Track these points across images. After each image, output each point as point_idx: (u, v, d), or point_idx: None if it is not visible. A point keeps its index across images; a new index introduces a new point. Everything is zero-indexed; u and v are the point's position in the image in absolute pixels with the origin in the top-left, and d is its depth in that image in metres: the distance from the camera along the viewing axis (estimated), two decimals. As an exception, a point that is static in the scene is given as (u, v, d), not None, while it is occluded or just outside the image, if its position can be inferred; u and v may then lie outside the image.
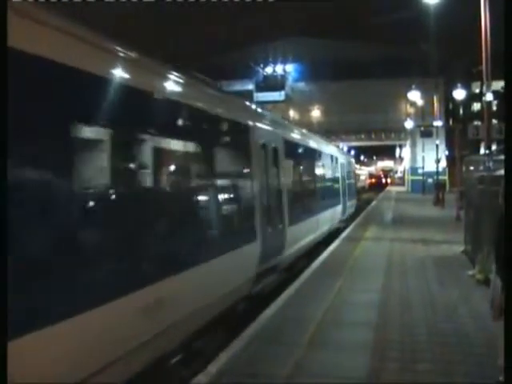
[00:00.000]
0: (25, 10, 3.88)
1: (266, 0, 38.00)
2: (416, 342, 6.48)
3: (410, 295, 9.01)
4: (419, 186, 48.95)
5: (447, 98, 53.38)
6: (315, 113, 61.43)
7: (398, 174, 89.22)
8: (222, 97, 8.85)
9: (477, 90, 54.05)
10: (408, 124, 51.81)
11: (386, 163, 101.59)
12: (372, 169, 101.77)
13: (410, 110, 55.35)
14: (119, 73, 5.09)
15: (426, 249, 14.47)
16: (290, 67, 60.80)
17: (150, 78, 5.77)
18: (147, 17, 41.69)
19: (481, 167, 11.49)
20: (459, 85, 35.83)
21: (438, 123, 42.24)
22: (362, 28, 54.34)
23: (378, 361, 5.86)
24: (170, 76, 6.33)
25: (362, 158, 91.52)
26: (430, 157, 43.42)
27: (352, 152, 61.58)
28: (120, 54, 5.23)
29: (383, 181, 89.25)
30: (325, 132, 41.13)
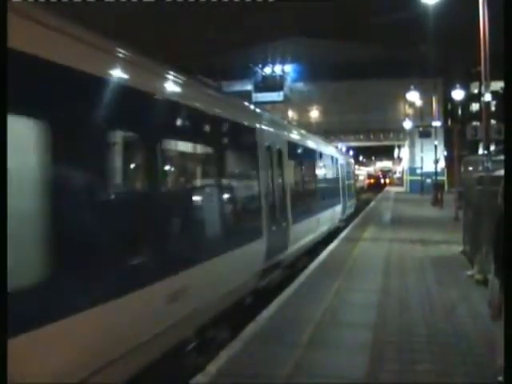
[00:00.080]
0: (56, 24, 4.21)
1: (266, 0, 38.01)
2: (415, 342, 6.48)
3: (409, 295, 9.02)
4: (418, 187, 48.93)
5: (446, 98, 53.50)
6: (314, 113, 61.44)
7: (396, 175, 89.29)
8: (232, 102, 9.53)
9: (475, 91, 54.13)
10: (407, 124, 51.84)
11: (385, 163, 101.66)
12: (371, 169, 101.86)
13: (409, 111, 55.34)
14: (150, 85, 5.70)
15: (425, 249, 14.48)
16: (288, 67, 60.81)
17: (180, 91, 6.59)
18: (147, 17, 41.68)
19: (479, 167, 11.49)
20: (458, 85, 35.84)
21: (436, 124, 42.35)
22: (360, 28, 54.46)
23: (377, 361, 5.87)
24: (194, 86, 7.39)
25: (360, 158, 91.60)
26: (429, 157, 43.45)
27: (351, 152, 61.56)
28: (151, 67, 5.88)
29: (382, 181, 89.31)
30: (323, 132, 41.17)
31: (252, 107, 10.85)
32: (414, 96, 45.76)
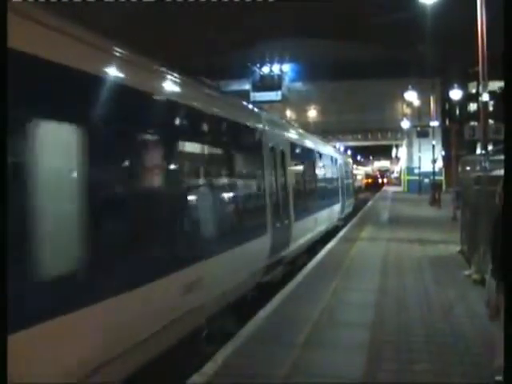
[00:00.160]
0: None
1: (266, 0, 38.03)
2: (412, 342, 6.48)
3: (407, 295, 9.02)
4: (415, 186, 48.98)
5: (444, 98, 53.45)
6: (312, 113, 61.44)
7: (394, 174, 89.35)
8: (240, 106, 10.37)
9: (473, 91, 54.17)
10: (404, 124, 51.91)
11: (383, 163, 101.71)
12: (368, 169, 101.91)
13: (407, 110, 55.37)
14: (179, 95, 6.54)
15: (423, 249, 14.49)
16: (286, 67, 60.79)
17: (204, 100, 7.56)
18: (147, 17, 41.65)
19: (477, 167, 11.50)
20: (456, 85, 35.88)
21: (434, 123, 42.44)
22: (359, 29, 54.39)
23: (375, 361, 5.86)
24: (215, 96, 8.42)
25: (358, 157, 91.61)
26: (427, 157, 43.48)
27: (348, 152, 61.61)
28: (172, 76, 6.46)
29: (380, 181, 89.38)
30: (321, 132, 41.17)
31: (257, 110, 11.27)
32: (411, 96, 45.82)
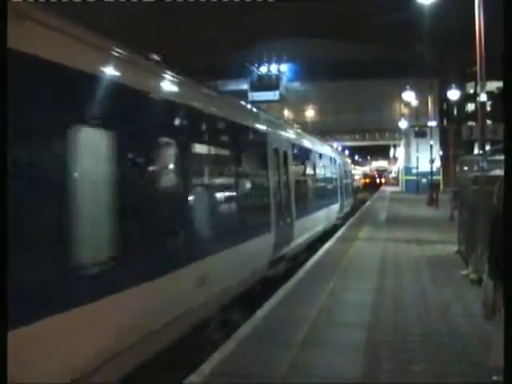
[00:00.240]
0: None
1: (266, 0, 38.03)
2: (409, 342, 6.48)
3: (404, 295, 9.02)
4: (413, 186, 49.05)
5: (441, 98, 53.48)
6: (309, 112, 61.45)
7: (392, 174, 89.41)
8: (248, 110, 10.83)
9: (471, 91, 54.24)
10: (402, 124, 51.93)
11: (381, 163, 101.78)
12: (366, 169, 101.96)
13: (405, 111, 55.43)
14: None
15: (420, 249, 14.49)
16: (284, 67, 60.82)
17: (220, 107, 8.28)
18: (147, 17, 41.63)
19: (475, 167, 11.51)
20: (454, 85, 35.91)
21: (432, 123, 42.43)
22: (358, 29, 54.45)
23: (372, 361, 5.85)
24: (227, 101, 9.30)
25: (356, 157, 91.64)
26: (424, 157, 43.54)
27: (346, 152, 61.61)
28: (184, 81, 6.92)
29: (377, 181, 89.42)
30: (319, 132, 41.16)
31: (262, 112, 11.62)
32: (409, 96, 45.90)
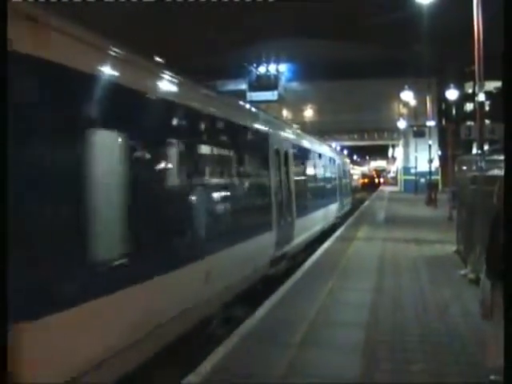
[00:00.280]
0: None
1: (266, 0, 38.05)
2: (408, 342, 6.48)
3: (403, 295, 9.03)
4: (412, 186, 49.04)
5: (440, 98, 53.54)
6: (308, 112, 61.43)
7: (390, 174, 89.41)
8: (251, 112, 11.09)
9: (469, 91, 54.23)
10: (401, 124, 51.89)
11: (379, 163, 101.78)
12: (365, 169, 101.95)
13: (403, 110, 55.39)
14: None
15: (419, 248, 14.50)
16: (283, 67, 60.80)
17: (228, 111, 8.84)
18: (147, 17, 41.61)
19: (473, 167, 11.51)
20: (452, 85, 35.89)
21: (430, 123, 42.44)
22: (357, 29, 54.42)
23: (370, 361, 5.85)
24: (235, 104, 10.07)
25: (355, 157, 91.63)
26: (423, 157, 43.53)
27: (345, 152, 61.60)
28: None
29: (376, 181, 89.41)
30: (318, 132, 41.16)
31: (264, 114, 11.92)
32: (408, 96, 45.82)
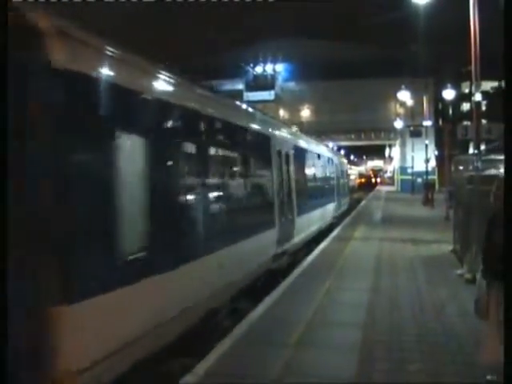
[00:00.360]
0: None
1: (266, 0, 38.05)
2: (405, 342, 6.48)
3: (399, 294, 9.02)
4: (409, 186, 49.04)
5: (437, 98, 53.55)
6: (305, 112, 61.44)
7: (387, 174, 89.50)
8: (258, 116, 11.55)
9: (466, 91, 54.30)
10: (398, 124, 51.98)
11: (376, 163, 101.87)
12: (362, 168, 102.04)
13: (400, 110, 55.45)
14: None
15: (416, 248, 14.51)
16: (279, 67, 60.78)
17: (237, 115, 9.68)
18: (147, 17, 41.57)
19: (470, 167, 11.52)
20: (449, 85, 35.95)
21: (427, 123, 42.52)
22: (353, 29, 54.48)
23: (367, 361, 5.85)
24: (246, 111, 10.92)
25: (351, 157, 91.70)
26: (420, 156, 43.52)
27: (342, 152, 61.64)
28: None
29: (373, 180, 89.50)
30: (315, 132, 41.17)
31: (267, 117, 12.34)
32: (405, 96, 45.87)
